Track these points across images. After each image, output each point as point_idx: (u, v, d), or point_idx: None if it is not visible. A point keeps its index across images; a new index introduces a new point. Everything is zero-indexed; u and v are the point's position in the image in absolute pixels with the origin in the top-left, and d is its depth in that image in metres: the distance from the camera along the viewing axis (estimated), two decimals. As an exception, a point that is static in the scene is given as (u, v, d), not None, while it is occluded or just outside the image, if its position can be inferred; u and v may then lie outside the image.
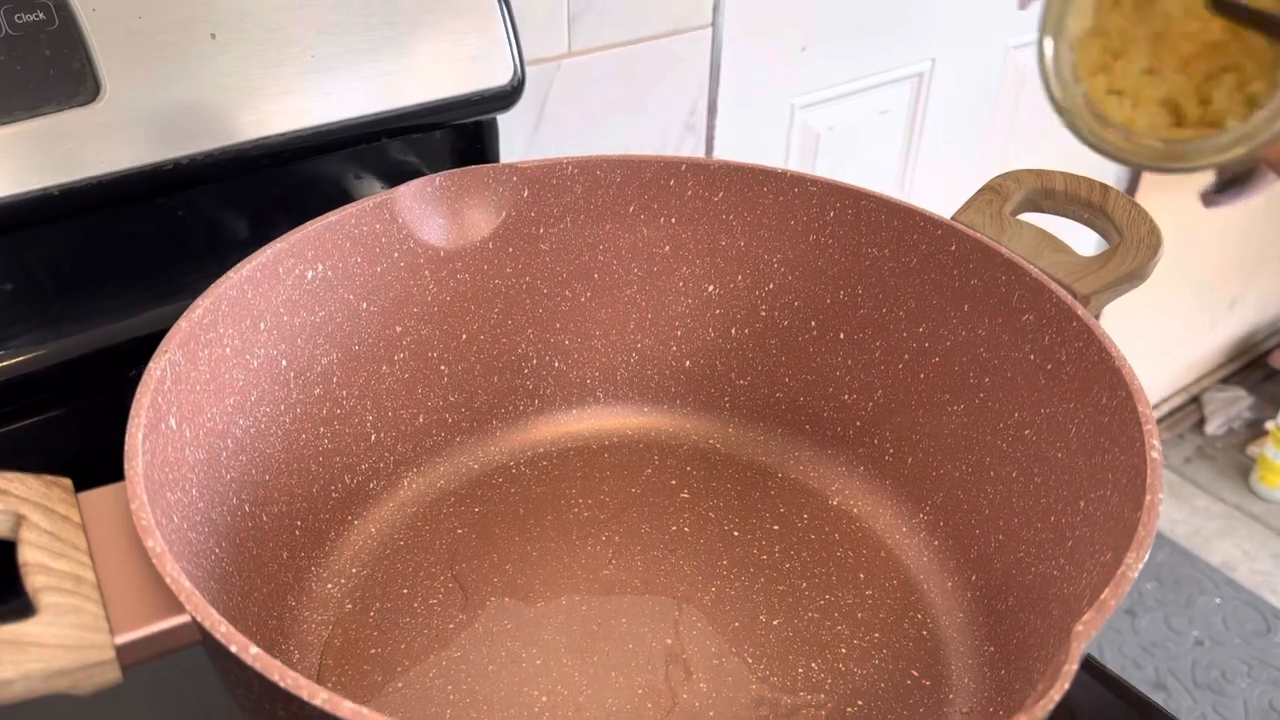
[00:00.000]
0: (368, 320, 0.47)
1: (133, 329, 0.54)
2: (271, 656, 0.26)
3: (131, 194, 0.51)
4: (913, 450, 0.49)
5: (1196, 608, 1.50)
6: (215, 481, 0.39)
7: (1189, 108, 0.36)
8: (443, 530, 0.49)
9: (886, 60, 0.94)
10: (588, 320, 0.52)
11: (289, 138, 0.54)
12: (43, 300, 0.53)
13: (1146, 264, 0.42)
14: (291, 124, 0.54)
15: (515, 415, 0.53)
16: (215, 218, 0.58)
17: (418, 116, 0.58)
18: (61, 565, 0.29)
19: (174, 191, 0.53)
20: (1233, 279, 1.71)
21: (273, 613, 0.43)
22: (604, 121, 0.81)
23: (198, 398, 0.38)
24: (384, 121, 0.57)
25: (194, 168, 0.52)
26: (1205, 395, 1.83)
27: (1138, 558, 0.30)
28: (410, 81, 0.57)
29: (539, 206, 0.49)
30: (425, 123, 0.59)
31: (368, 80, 0.55)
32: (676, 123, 0.87)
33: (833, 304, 0.50)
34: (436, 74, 0.58)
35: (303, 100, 0.54)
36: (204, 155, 0.52)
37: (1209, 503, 1.68)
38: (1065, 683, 0.27)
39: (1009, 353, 0.43)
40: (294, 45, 0.54)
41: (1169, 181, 1.34)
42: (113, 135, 0.50)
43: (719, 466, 0.52)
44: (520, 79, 0.61)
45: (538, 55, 0.75)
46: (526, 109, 0.76)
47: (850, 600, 0.46)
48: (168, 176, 0.51)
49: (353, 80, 0.55)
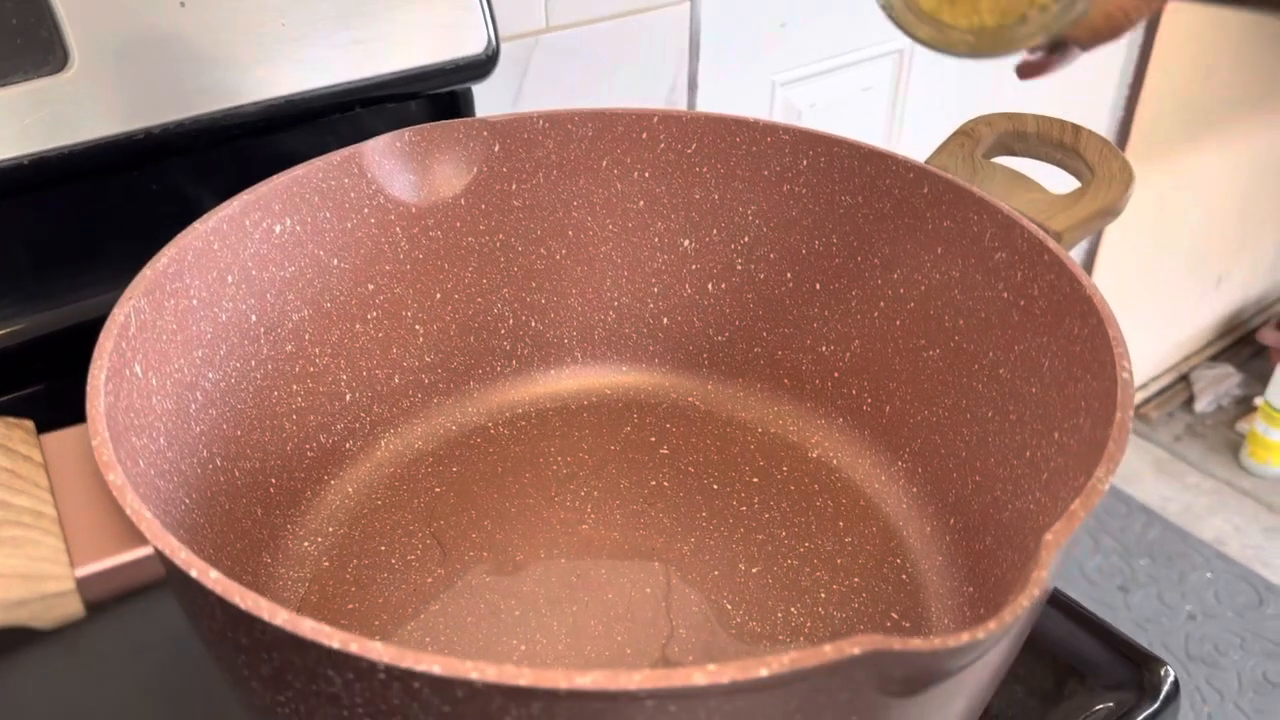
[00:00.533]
0: (339, 277, 0.47)
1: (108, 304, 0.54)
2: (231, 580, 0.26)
3: (103, 164, 0.51)
4: (890, 398, 0.48)
5: (1189, 583, 1.50)
6: (184, 433, 0.39)
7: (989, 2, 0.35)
8: (420, 489, 0.48)
9: (867, 36, 0.93)
10: (563, 278, 0.52)
11: (261, 107, 0.53)
12: (16, 276, 0.53)
13: (1119, 199, 0.42)
14: (264, 93, 0.53)
15: (492, 375, 0.53)
16: (189, 190, 0.58)
17: (391, 86, 0.58)
18: (21, 501, 0.29)
19: (146, 162, 0.53)
20: (1219, 256, 1.71)
21: (247, 568, 0.42)
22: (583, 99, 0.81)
23: (164, 347, 0.38)
24: (357, 91, 0.56)
25: (165, 137, 0.51)
26: (1194, 373, 1.83)
27: (1107, 471, 0.30)
28: (383, 50, 0.57)
29: (510, 162, 0.49)
30: (399, 92, 0.59)
31: (340, 49, 0.55)
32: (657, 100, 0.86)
33: (808, 254, 0.50)
34: (410, 43, 0.58)
35: (274, 69, 0.54)
36: (175, 125, 0.51)
37: (1200, 479, 1.68)
38: (1036, 589, 0.27)
39: (983, 292, 0.43)
40: (264, 13, 0.53)
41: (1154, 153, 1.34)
42: (82, 104, 0.49)
43: (698, 423, 0.52)
44: (495, 48, 0.60)
45: (515, 31, 0.75)
46: (504, 85, 0.76)
47: (830, 547, 0.46)
48: (139, 146, 0.51)
49: (325, 49, 0.55)
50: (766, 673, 0.24)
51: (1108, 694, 0.43)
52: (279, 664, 0.27)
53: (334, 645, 0.24)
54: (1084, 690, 0.43)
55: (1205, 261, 1.69)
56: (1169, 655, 1.40)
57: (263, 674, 0.28)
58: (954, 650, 0.25)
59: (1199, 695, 1.35)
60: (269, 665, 0.27)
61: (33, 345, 0.54)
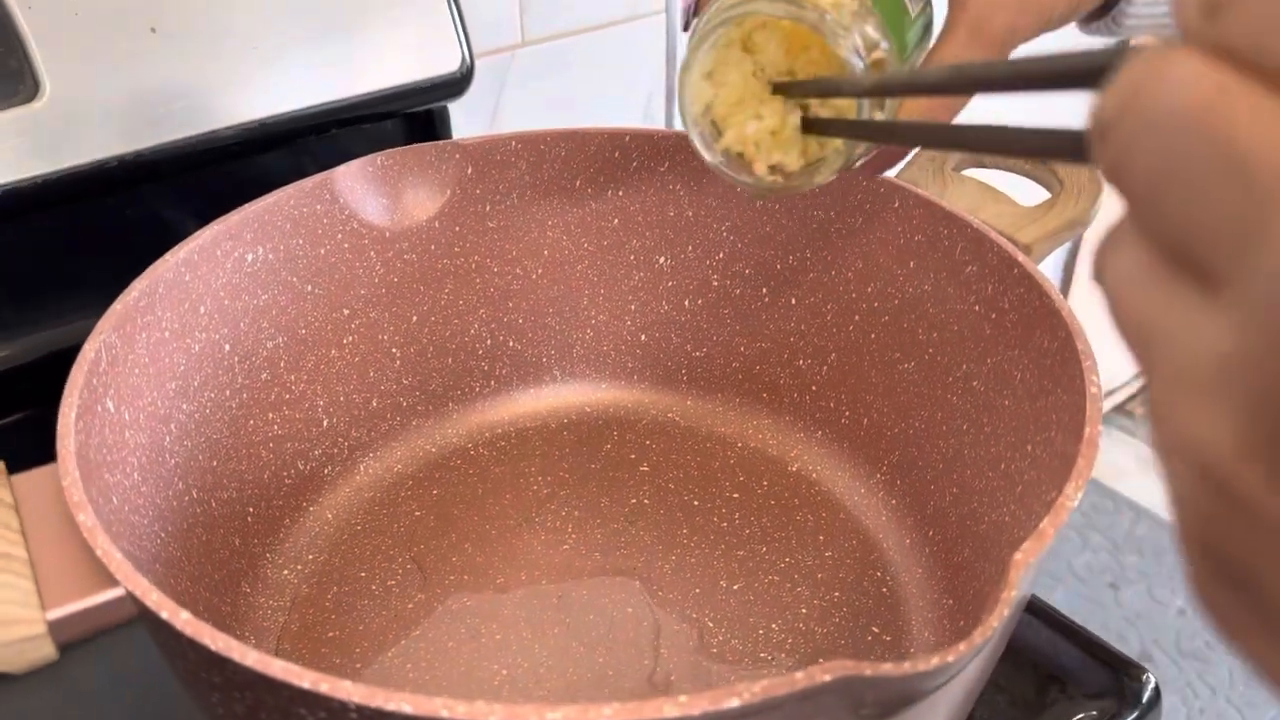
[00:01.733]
0: (313, 304, 0.47)
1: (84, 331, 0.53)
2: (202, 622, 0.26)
3: (77, 192, 0.50)
4: (867, 411, 0.49)
5: (1179, 578, 1.51)
6: (159, 466, 0.39)
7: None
8: (400, 513, 0.48)
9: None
10: (540, 298, 0.52)
11: (236, 131, 0.53)
12: (-10, 305, 0.53)
13: (1088, 210, 0.42)
14: (238, 117, 0.53)
15: (471, 396, 0.53)
16: (165, 215, 0.58)
17: (367, 106, 0.58)
18: (-9, 544, 0.29)
19: (120, 189, 0.53)
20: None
21: (226, 599, 0.42)
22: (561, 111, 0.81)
23: (136, 381, 0.38)
24: (332, 112, 0.57)
25: (139, 164, 0.51)
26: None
27: (1076, 487, 0.30)
28: (357, 71, 0.57)
29: (484, 183, 0.49)
30: (375, 112, 0.59)
31: (313, 70, 0.55)
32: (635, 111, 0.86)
33: (783, 269, 0.50)
34: (384, 63, 0.58)
35: (248, 93, 0.54)
36: (149, 151, 0.51)
37: (1187, 474, 1.69)
38: (1005, 609, 0.27)
39: (955, 305, 0.43)
40: (235, 37, 0.53)
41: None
42: (56, 133, 0.49)
43: (678, 439, 0.52)
44: (469, 66, 0.61)
45: (491, 46, 0.75)
46: (481, 101, 0.76)
47: (810, 562, 0.46)
48: (113, 174, 0.51)
49: (298, 71, 0.55)
50: (739, 702, 0.24)
51: (1090, 702, 0.43)
52: (252, 702, 0.27)
53: (305, 685, 0.24)
54: (1065, 698, 0.44)
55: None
56: (1160, 651, 1.41)
57: (237, 711, 0.28)
58: (924, 674, 0.25)
59: (1190, 690, 1.36)
60: (242, 703, 0.27)
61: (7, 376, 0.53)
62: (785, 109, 0.36)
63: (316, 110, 0.56)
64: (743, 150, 0.37)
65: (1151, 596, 1.48)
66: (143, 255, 0.55)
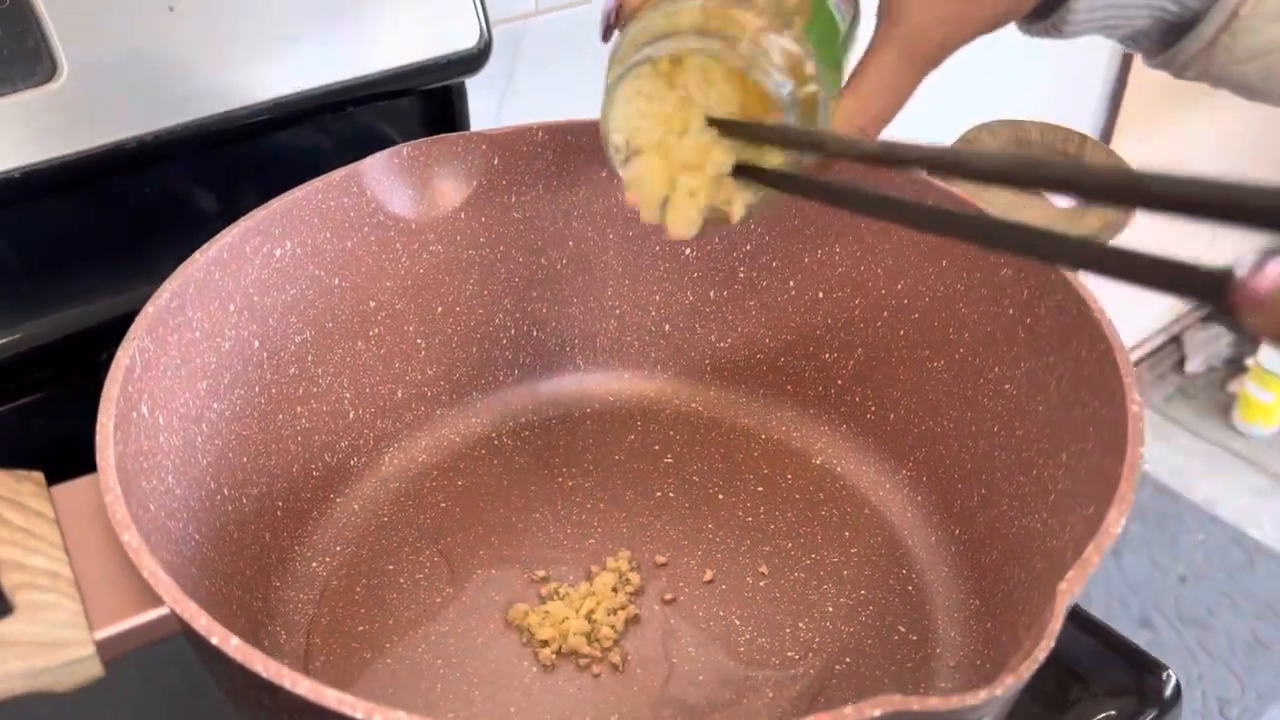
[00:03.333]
0: (340, 296, 0.46)
1: (105, 311, 0.53)
2: (253, 647, 0.26)
3: (95, 173, 0.50)
4: (894, 408, 0.48)
5: (1180, 545, 1.52)
6: (191, 467, 0.39)
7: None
8: (426, 504, 0.49)
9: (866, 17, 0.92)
10: (564, 287, 0.52)
11: (253, 110, 0.53)
12: (11, 284, 0.52)
13: (1124, 214, 0.42)
14: (255, 96, 0.52)
15: (495, 386, 0.53)
16: (183, 193, 0.57)
17: (384, 83, 0.57)
18: (36, 561, 0.29)
19: (138, 169, 0.52)
20: (1211, 217, 1.71)
21: (257, 595, 0.43)
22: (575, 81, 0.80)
23: (169, 383, 0.38)
24: (349, 90, 0.56)
25: (157, 145, 0.51)
26: (1185, 334, 1.84)
27: (1119, 513, 0.30)
28: (374, 48, 0.56)
29: (510, 174, 0.49)
30: (392, 89, 0.58)
31: (331, 48, 0.54)
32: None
33: (810, 263, 0.50)
34: (401, 39, 0.57)
35: (265, 71, 0.53)
36: (167, 132, 0.51)
37: (1191, 441, 1.70)
38: (1050, 641, 0.27)
39: (988, 307, 0.43)
40: (252, 16, 0.52)
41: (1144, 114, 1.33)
42: (73, 114, 0.49)
43: (702, 430, 0.52)
44: (487, 40, 0.60)
45: (504, 15, 0.73)
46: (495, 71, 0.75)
47: (836, 559, 0.46)
48: (131, 154, 0.50)
49: (316, 49, 0.54)
50: (788, 738, 0.24)
51: (1111, 700, 0.44)
52: (302, 726, 0.27)
53: (358, 716, 0.25)
54: (1088, 696, 0.44)
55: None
56: (1160, 617, 1.42)
57: (285, 733, 0.28)
58: (972, 707, 0.25)
59: (1190, 657, 1.37)
60: (291, 726, 0.28)
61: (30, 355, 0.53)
62: (708, 146, 0.35)
63: (333, 88, 0.55)
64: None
65: (1153, 564, 1.49)
66: (161, 233, 0.55)
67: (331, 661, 0.42)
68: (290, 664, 0.42)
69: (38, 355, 0.53)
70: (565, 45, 0.78)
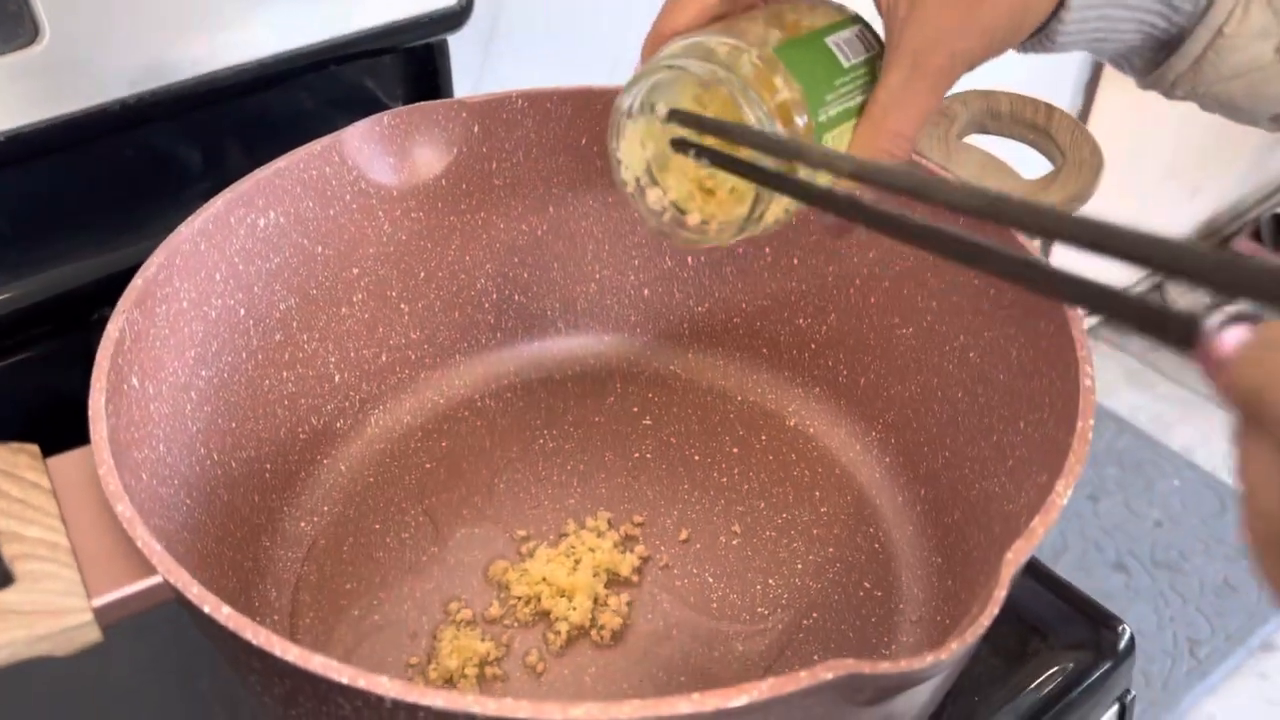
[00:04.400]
0: (324, 264, 0.47)
1: (94, 270, 0.54)
2: (242, 612, 0.28)
3: (78, 136, 0.50)
4: (865, 371, 0.50)
5: (1156, 491, 1.55)
6: (181, 434, 0.40)
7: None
8: (411, 465, 0.50)
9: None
10: (545, 253, 0.53)
11: (235, 71, 0.53)
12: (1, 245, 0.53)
13: (1088, 186, 0.43)
14: (236, 57, 0.53)
15: (478, 349, 0.54)
16: (169, 153, 0.58)
17: (365, 42, 0.57)
18: (34, 532, 0.30)
19: (123, 131, 0.53)
20: (1195, 168, 1.72)
21: (248, 554, 0.44)
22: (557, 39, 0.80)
23: (158, 354, 0.39)
24: (331, 49, 0.56)
25: (141, 107, 0.51)
26: (1168, 283, 1.85)
27: (1067, 484, 0.31)
28: (356, 6, 0.56)
29: (490, 141, 0.49)
30: (373, 48, 0.58)
31: (312, 6, 0.54)
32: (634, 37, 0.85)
33: (785, 230, 0.50)
34: (381, -2, 0.57)
35: (248, 33, 0.53)
36: (150, 94, 0.51)
37: (1171, 389, 1.72)
38: (995, 607, 0.29)
39: (954, 278, 0.44)
40: (233, -24, 0.53)
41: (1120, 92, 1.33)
42: (56, 77, 0.49)
43: (679, 392, 0.54)
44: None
45: (486, -32, 0.73)
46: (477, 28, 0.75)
47: (806, 518, 0.48)
48: (114, 117, 0.50)
49: (297, 8, 0.54)
50: (747, 699, 0.26)
51: (1068, 653, 0.46)
52: (290, 688, 0.29)
53: (343, 680, 0.26)
54: (1046, 649, 0.46)
55: (1182, 172, 1.69)
56: (1134, 561, 1.46)
57: (275, 694, 0.30)
58: (919, 670, 0.27)
59: (1162, 600, 1.41)
60: (281, 688, 0.29)
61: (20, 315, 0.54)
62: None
63: (315, 47, 0.55)
64: (678, 202, 0.37)
65: (1129, 509, 1.52)
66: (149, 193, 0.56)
67: (319, 617, 0.44)
68: (279, 620, 0.44)
69: (29, 314, 0.54)
70: (547, 2, 0.77)
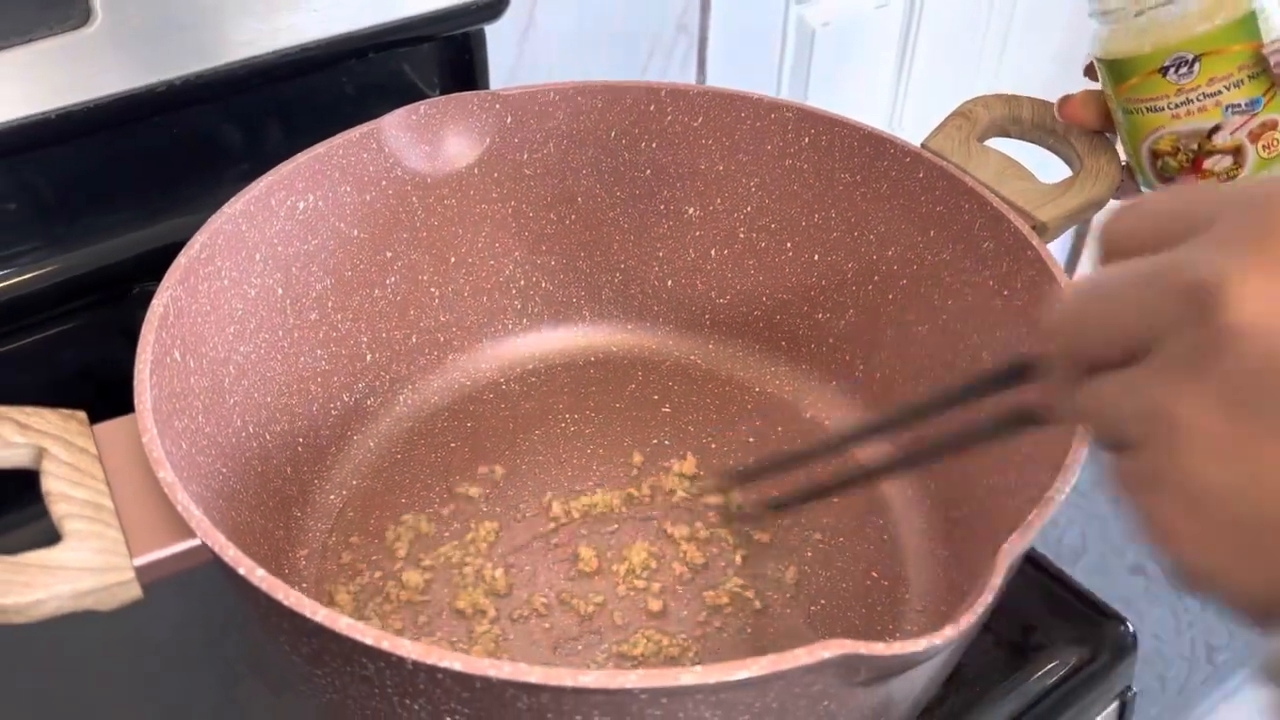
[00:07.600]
0: (359, 247, 0.49)
1: (136, 244, 0.56)
2: (275, 576, 0.29)
3: (126, 116, 0.52)
4: (880, 367, 0.51)
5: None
6: (220, 406, 0.42)
7: None
8: (437, 444, 0.52)
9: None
10: (572, 242, 0.54)
11: (278, 56, 0.55)
12: (46, 219, 0.55)
13: (1104, 194, 0.44)
14: (281, 42, 0.54)
15: (504, 334, 0.55)
16: (210, 134, 0.59)
17: (406, 30, 0.59)
18: (81, 494, 0.32)
19: (168, 112, 0.54)
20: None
21: (279, 523, 0.46)
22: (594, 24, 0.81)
23: (200, 329, 0.41)
24: (373, 36, 0.57)
25: (186, 89, 0.53)
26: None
27: (1065, 482, 0.33)
28: (397, -4, 0.58)
29: (522, 132, 0.51)
30: (414, 36, 0.60)
31: (355, -4, 0.56)
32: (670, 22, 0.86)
33: (807, 226, 0.52)
34: (422, -13, 0.58)
35: (292, 18, 0.55)
36: (196, 76, 0.53)
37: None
38: (990, 595, 0.30)
39: (970, 278, 0.45)
40: (280, -36, 0.54)
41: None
42: (106, 59, 0.51)
43: (699, 381, 0.55)
44: (506, -13, 0.61)
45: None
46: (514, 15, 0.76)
47: (818, 507, 0.49)
48: (161, 98, 0.52)
49: (339, -3, 0.55)
50: (747, 674, 0.27)
51: (1070, 647, 0.47)
52: (317, 648, 0.31)
53: (367, 641, 0.28)
54: (1049, 643, 0.47)
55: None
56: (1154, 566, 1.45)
57: (303, 653, 0.32)
58: (915, 653, 0.29)
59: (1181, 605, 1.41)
60: (308, 647, 0.31)
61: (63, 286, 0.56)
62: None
63: (357, 34, 0.57)
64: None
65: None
66: (191, 172, 0.57)
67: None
68: (307, 587, 0.46)
69: (72, 287, 0.56)
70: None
